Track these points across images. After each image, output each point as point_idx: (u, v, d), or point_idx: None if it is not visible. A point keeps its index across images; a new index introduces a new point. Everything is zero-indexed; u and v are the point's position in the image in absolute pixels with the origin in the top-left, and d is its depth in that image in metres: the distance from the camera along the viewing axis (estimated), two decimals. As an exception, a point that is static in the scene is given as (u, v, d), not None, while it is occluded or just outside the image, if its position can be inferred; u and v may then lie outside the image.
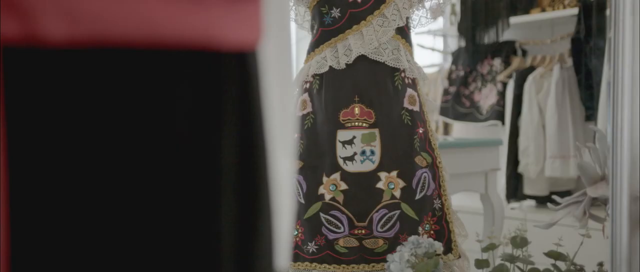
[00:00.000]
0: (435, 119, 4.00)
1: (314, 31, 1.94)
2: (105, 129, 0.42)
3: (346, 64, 1.87)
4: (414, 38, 2.06)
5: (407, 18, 1.93)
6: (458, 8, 3.95)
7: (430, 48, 4.22)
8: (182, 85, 0.44)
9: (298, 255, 1.89)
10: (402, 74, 1.90)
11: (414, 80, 1.93)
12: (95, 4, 0.41)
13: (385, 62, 1.88)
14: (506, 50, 3.73)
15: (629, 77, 1.22)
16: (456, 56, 3.94)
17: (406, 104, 1.89)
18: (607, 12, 3.12)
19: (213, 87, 0.46)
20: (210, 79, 0.46)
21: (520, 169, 3.52)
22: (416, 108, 1.91)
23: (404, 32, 1.92)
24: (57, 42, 0.40)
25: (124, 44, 0.42)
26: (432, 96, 4.06)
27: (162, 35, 0.43)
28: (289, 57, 0.67)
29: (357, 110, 1.87)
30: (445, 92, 3.94)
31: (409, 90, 1.91)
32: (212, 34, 0.45)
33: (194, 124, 0.45)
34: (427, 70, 4.19)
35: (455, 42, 4.01)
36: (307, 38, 2.01)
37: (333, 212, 1.85)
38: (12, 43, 0.40)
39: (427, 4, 1.98)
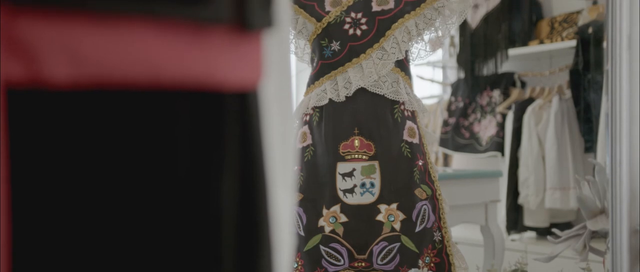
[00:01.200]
0: (435, 150, 4.00)
1: (314, 64, 1.95)
2: (108, 170, 0.42)
3: (346, 97, 1.88)
4: (413, 69, 2.07)
5: (406, 51, 1.94)
6: (457, 40, 3.98)
7: (430, 79, 4.24)
8: (184, 126, 0.45)
9: (298, 288, 1.88)
10: (402, 107, 1.91)
11: (413, 112, 1.94)
12: (97, 46, 0.42)
13: (385, 95, 1.89)
14: (505, 82, 3.75)
15: (626, 110, 1.23)
16: (455, 87, 3.95)
17: (406, 137, 1.90)
18: (604, 44, 3.14)
19: (214, 127, 0.46)
20: (211, 120, 0.46)
21: (521, 200, 3.52)
22: (416, 140, 1.91)
23: (403, 65, 1.93)
24: (61, 84, 0.41)
25: (126, 86, 0.42)
26: (431, 127, 4.07)
27: (164, 77, 0.44)
28: (289, 92, 0.68)
29: (356, 142, 1.88)
30: (445, 123, 3.95)
31: (409, 123, 1.92)
32: (213, 75, 0.46)
33: (195, 164, 0.45)
34: (426, 102, 4.20)
35: (454, 74, 4.03)
36: (307, 70, 2.02)
37: (333, 244, 1.85)
38: (17, 85, 0.41)
39: (426, 37, 2.00)
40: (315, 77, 1.93)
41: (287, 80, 0.65)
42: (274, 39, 0.57)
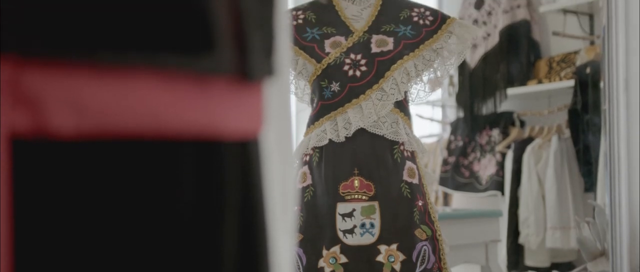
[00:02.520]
0: (434, 189, 4.00)
1: (314, 104, 1.97)
2: (112, 218, 0.43)
3: (346, 137, 1.89)
4: (413, 108, 2.09)
5: (406, 92, 1.96)
6: (456, 79, 4.01)
7: (429, 118, 4.25)
8: (186, 175, 0.45)
9: (297, 330, 1.87)
10: (401, 147, 1.92)
11: (413, 152, 1.95)
12: (102, 97, 0.43)
13: (385, 135, 1.90)
14: (504, 121, 3.77)
15: (624, 153, 1.24)
16: (455, 126, 3.97)
17: (405, 177, 1.90)
18: (601, 85, 3.17)
19: (216, 176, 0.47)
20: (213, 168, 0.47)
21: (521, 240, 3.51)
22: (415, 181, 1.92)
23: (402, 106, 1.95)
24: (66, 135, 0.42)
25: (129, 136, 0.43)
26: (431, 166, 4.07)
27: (167, 127, 0.44)
28: (289, 138, 0.69)
29: (356, 183, 1.88)
30: (445, 162, 3.95)
31: (408, 163, 1.92)
32: (214, 125, 0.47)
33: (197, 212, 0.46)
34: (426, 140, 4.22)
35: (453, 113, 4.05)
36: (307, 110, 2.04)
37: (333, 285, 1.84)
38: (22, 135, 0.41)
39: (425, 78, 2.02)
40: (315, 118, 1.95)
41: (287, 126, 0.66)
42: (274, 86, 0.58)
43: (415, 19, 1.99)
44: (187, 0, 0.44)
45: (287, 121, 0.67)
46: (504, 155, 3.67)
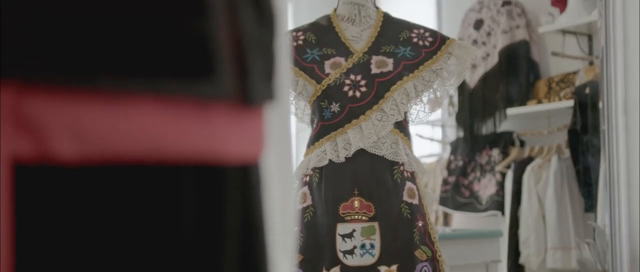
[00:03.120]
0: (434, 209, 4.00)
1: (314, 125, 1.97)
2: (114, 243, 0.43)
3: (346, 158, 1.90)
4: (413, 128, 2.09)
5: (405, 112, 1.96)
6: (456, 99, 4.01)
7: (429, 138, 4.26)
8: (187, 200, 0.46)
9: None
10: (401, 168, 1.92)
11: (412, 173, 1.95)
12: (104, 123, 0.43)
13: (384, 156, 1.90)
14: (504, 141, 3.77)
15: (624, 175, 1.24)
16: (455, 146, 3.97)
17: (405, 198, 1.90)
18: (600, 105, 3.18)
19: (216, 201, 0.47)
20: (213, 194, 0.47)
21: (522, 260, 3.49)
22: (415, 201, 1.92)
23: (402, 126, 1.95)
24: (68, 161, 0.42)
25: (131, 161, 0.44)
26: (431, 186, 4.07)
27: (168, 152, 0.45)
28: (289, 161, 0.69)
29: (356, 203, 1.88)
30: (445, 182, 3.95)
31: (408, 184, 1.92)
32: (215, 150, 0.47)
33: (197, 237, 0.46)
34: (426, 160, 4.21)
35: (453, 133, 4.05)
36: (307, 129, 2.04)
37: (333, 307, 1.84)
38: (24, 161, 0.42)
39: (425, 99, 2.02)
40: (315, 138, 1.95)
41: (287, 149, 0.66)
42: (275, 110, 0.59)
43: (415, 40, 2.00)
44: (187, 25, 0.45)
45: (287, 144, 0.67)
46: (504, 175, 3.67)
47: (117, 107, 0.43)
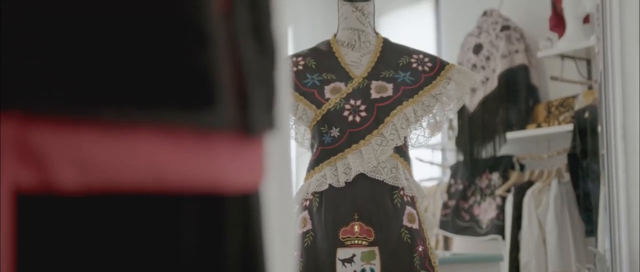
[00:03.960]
0: (435, 233, 3.99)
1: (314, 150, 1.97)
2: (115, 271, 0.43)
3: (345, 182, 1.90)
4: (413, 152, 2.09)
5: (405, 137, 1.97)
6: (455, 123, 4.02)
7: (429, 162, 4.26)
8: (188, 228, 0.46)
9: None
10: (401, 192, 1.92)
11: (412, 198, 1.95)
12: (106, 153, 0.43)
13: (384, 181, 1.90)
14: (504, 165, 3.77)
15: (624, 200, 1.24)
16: (455, 170, 3.97)
17: (405, 222, 1.90)
18: (599, 129, 3.18)
19: (217, 230, 0.48)
20: (214, 222, 0.48)
21: (522, 284, 3.48)
22: (415, 226, 1.92)
23: (402, 151, 1.96)
24: (70, 190, 0.42)
25: (133, 190, 0.44)
26: (431, 209, 4.06)
27: (169, 181, 0.45)
28: (289, 188, 0.69)
29: (356, 228, 1.88)
30: (445, 205, 3.95)
31: (408, 208, 1.92)
32: (216, 179, 0.48)
33: (199, 265, 0.46)
34: (426, 184, 4.21)
35: (453, 156, 4.05)
36: (307, 154, 2.05)
37: (333, 332, 1.83)
38: (27, 191, 0.42)
39: (425, 123, 2.03)
40: (315, 163, 1.95)
41: (287, 176, 0.67)
42: (275, 138, 0.59)
43: (415, 65, 2.01)
44: (188, 56, 0.45)
45: (287, 171, 0.67)
46: (504, 199, 3.66)
47: (119, 137, 0.44)
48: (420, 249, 1.90)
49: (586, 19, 3.56)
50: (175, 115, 0.45)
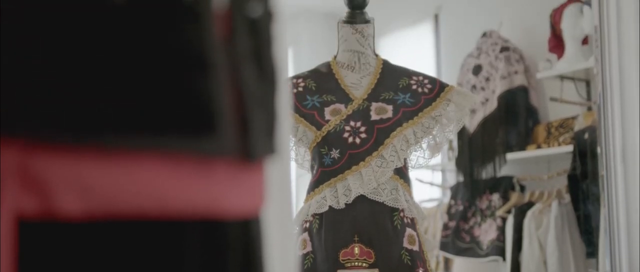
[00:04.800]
0: (435, 254, 3.97)
1: (314, 171, 1.97)
2: None
3: (345, 204, 1.90)
4: (413, 172, 2.09)
5: (405, 158, 1.97)
6: (455, 144, 4.02)
7: (429, 183, 4.26)
8: (189, 254, 0.46)
9: None
10: (401, 214, 1.92)
11: (413, 219, 1.95)
12: (108, 180, 0.44)
13: (384, 202, 1.90)
14: (504, 186, 3.77)
15: (624, 223, 1.24)
16: (455, 191, 3.97)
17: (406, 244, 1.90)
18: (598, 150, 3.19)
19: (218, 254, 0.48)
20: (215, 247, 0.48)
21: (523, 306, 3.46)
22: (416, 248, 1.91)
23: (402, 173, 1.96)
24: (73, 217, 0.43)
25: (135, 216, 0.44)
26: (431, 230, 4.05)
27: (171, 207, 0.45)
28: (289, 212, 0.69)
29: (356, 250, 1.88)
30: (445, 226, 3.94)
31: (409, 230, 1.92)
32: (217, 204, 0.48)
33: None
34: (426, 205, 4.21)
35: (453, 177, 4.05)
36: (307, 175, 2.05)
37: None
38: (29, 217, 0.42)
39: (425, 144, 2.03)
40: (315, 185, 1.95)
41: (287, 200, 0.67)
42: (275, 163, 0.60)
43: (414, 87, 2.02)
44: (190, 84, 0.46)
45: (287, 195, 0.68)
46: (504, 220, 3.66)
47: (121, 163, 0.44)
48: (420, 271, 1.89)
49: (585, 41, 3.57)
50: (176, 142, 0.45)
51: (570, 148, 3.38)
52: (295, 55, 5.26)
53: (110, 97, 0.43)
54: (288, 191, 0.62)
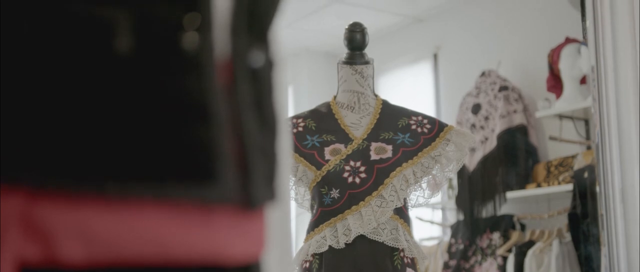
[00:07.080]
0: (436, 294, 3.94)
1: (314, 211, 1.98)
2: None
3: (345, 244, 1.89)
4: (413, 211, 2.10)
5: (405, 198, 1.97)
6: (455, 182, 4.02)
7: (429, 221, 4.24)
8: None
9: None
10: (401, 254, 1.92)
11: (413, 259, 1.95)
12: (110, 227, 0.44)
13: (384, 242, 1.90)
14: (504, 224, 3.76)
15: (624, 263, 1.24)
16: (455, 229, 3.96)
17: (406, 284, 1.89)
18: (597, 189, 3.19)
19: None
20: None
21: None
22: (416, 288, 1.91)
23: (402, 212, 1.96)
24: (75, 264, 0.43)
25: (137, 264, 0.45)
26: (432, 269, 4.03)
27: (172, 254, 0.46)
28: (289, 256, 0.70)
29: (356, 290, 1.87)
30: (446, 265, 3.92)
31: (409, 270, 1.91)
32: (218, 251, 0.48)
33: None
34: (426, 243, 4.19)
35: (454, 215, 4.04)
36: (306, 213, 2.05)
37: None
38: (31, 265, 0.43)
39: (424, 184, 2.04)
40: (315, 224, 1.95)
41: (287, 245, 0.67)
42: (276, 209, 0.60)
43: (414, 127, 2.03)
44: (192, 132, 0.47)
45: (287, 240, 0.68)
46: (505, 259, 3.64)
47: (123, 211, 0.45)
48: (421, 312, 1.88)
49: (583, 80, 3.60)
50: (178, 189, 0.46)
51: (570, 187, 3.38)
52: (295, 93, 5.29)
53: (112, 145, 0.44)
54: (288, 232, 0.62)
